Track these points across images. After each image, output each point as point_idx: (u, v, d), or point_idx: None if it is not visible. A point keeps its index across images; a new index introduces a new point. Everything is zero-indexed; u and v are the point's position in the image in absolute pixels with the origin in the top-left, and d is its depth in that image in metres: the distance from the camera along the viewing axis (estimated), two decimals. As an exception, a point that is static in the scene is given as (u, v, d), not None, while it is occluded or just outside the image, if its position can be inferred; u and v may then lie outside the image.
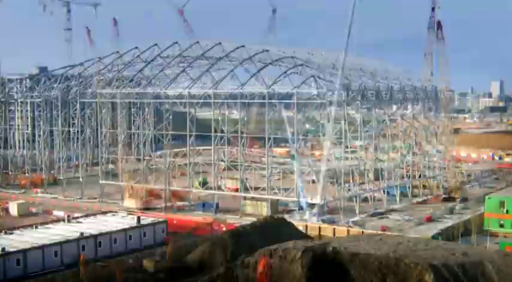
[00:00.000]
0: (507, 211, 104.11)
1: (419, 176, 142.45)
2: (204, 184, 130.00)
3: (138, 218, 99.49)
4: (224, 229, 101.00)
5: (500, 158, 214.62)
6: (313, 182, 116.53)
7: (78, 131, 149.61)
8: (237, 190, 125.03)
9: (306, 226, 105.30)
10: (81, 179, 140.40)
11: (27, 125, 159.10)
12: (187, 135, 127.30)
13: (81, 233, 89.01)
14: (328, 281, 64.22)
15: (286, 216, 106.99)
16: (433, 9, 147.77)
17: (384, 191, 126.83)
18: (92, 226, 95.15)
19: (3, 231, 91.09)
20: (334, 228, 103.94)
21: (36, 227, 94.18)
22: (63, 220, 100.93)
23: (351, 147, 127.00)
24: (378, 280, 63.19)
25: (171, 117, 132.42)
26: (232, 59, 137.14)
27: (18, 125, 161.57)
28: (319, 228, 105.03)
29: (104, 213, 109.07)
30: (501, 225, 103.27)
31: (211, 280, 68.80)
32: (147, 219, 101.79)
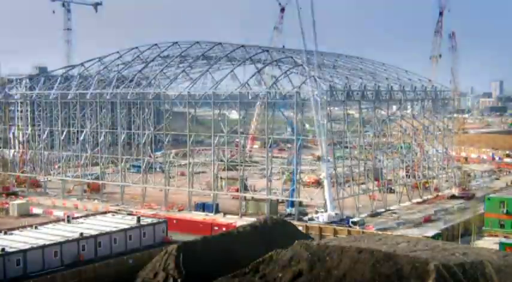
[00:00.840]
0: (507, 211, 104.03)
1: (419, 176, 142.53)
2: None
3: (138, 218, 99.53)
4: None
5: (500, 158, 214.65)
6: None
7: (78, 131, 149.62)
8: (237, 191, 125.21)
9: (306, 226, 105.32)
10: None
11: (27, 125, 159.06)
12: (187, 135, 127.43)
13: (81, 233, 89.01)
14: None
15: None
16: (440, 13, 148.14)
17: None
18: (91, 226, 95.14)
19: (3, 231, 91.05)
20: (334, 228, 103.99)
21: (36, 227, 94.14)
22: (63, 220, 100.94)
23: (351, 148, 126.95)
24: (378, 280, 63.23)
25: (171, 117, 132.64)
26: (232, 59, 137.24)
27: (18, 125, 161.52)
28: (320, 228, 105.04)
29: (104, 213, 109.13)
30: (501, 225, 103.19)
31: None
32: (147, 219, 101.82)
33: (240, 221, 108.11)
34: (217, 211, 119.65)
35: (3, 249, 79.54)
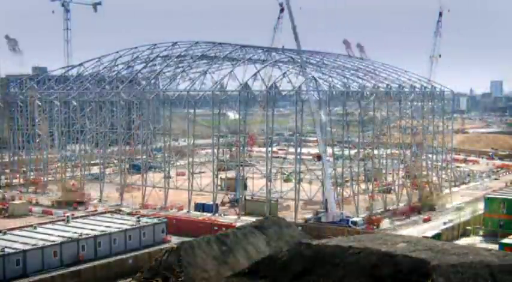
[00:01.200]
0: (507, 211, 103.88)
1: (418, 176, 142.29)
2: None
3: (138, 218, 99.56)
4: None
5: (499, 159, 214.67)
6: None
7: (78, 131, 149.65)
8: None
9: (306, 226, 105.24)
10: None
11: (27, 125, 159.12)
12: (187, 135, 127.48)
13: (81, 233, 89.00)
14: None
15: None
16: (440, 14, 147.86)
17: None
18: (91, 226, 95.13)
19: (2, 231, 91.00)
20: (334, 228, 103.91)
21: (35, 227, 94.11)
22: (63, 220, 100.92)
23: (350, 147, 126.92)
24: (378, 280, 63.17)
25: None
26: (232, 59, 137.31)
27: (18, 125, 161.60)
28: (319, 228, 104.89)
29: (103, 213, 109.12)
30: (501, 226, 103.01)
31: None
32: (147, 219, 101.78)
33: (239, 221, 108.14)
34: (216, 211, 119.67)
35: (2, 250, 79.52)
